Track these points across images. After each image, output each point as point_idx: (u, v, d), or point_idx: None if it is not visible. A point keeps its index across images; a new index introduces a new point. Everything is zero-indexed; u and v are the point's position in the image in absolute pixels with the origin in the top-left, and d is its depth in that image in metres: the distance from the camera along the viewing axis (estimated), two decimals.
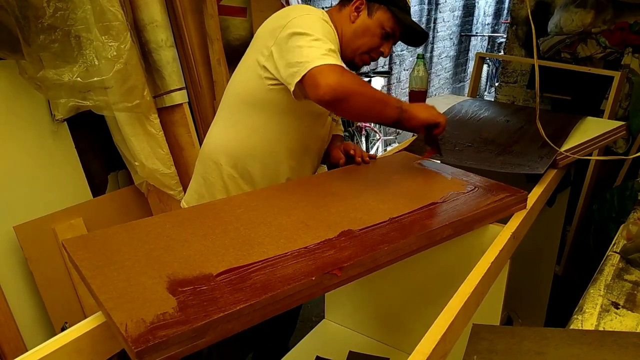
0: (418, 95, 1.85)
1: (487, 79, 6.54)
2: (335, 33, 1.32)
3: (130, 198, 2.03)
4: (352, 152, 1.42)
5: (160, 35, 1.85)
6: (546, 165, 1.42)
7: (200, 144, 2.06)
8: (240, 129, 1.37)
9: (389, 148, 4.73)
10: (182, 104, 1.95)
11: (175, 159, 1.96)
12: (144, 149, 1.86)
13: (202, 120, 2.12)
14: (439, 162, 1.48)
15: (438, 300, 1.36)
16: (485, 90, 6.63)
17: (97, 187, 2.03)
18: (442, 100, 2.09)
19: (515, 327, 1.05)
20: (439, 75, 5.75)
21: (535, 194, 1.33)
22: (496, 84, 5.79)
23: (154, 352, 0.70)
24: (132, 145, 1.85)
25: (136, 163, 1.88)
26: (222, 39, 2.07)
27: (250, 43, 1.36)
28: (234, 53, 2.18)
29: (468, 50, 6.44)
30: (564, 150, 1.43)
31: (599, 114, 2.63)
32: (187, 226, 1.03)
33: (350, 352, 1.43)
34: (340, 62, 1.16)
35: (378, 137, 3.73)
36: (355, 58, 1.40)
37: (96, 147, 2.01)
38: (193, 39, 2.02)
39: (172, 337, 0.71)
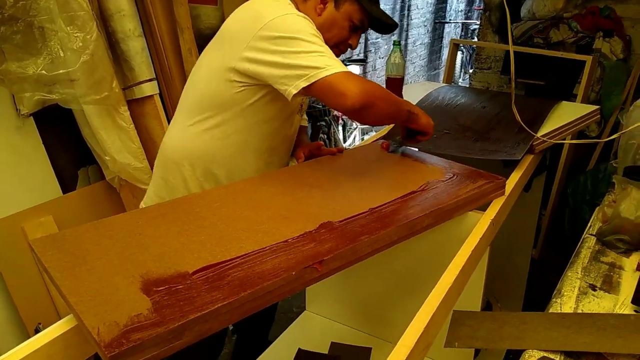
0: (395, 82, 1.83)
1: (461, 66, 6.57)
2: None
3: (102, 194, 1.97)
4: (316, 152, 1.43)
5: (127, 24, 1.78)
6: (523, 151, 1.42)
7: None
8: (203, 130, 1.30)
9: (365, 137, 4.73)
10: (152, 95, 1.90)
11: (148, 152, 1.90)
12: (115, 142, 1.80)
13: (174, 111, 2.06)
14: (417, 149, 1.47)
15: (419, 289, 1.36)
16: (460, 77, 6.67)
17: (67, 183, 1.97)
18: (418, 87, 2.08)
19: (495, 312, 1.05)
20: (414, 63, 5.75)
21: (513, 180, 1.33)
22: (470, 71, 5.83)
23: (128, 356, 0.68)
24: (102, 139, 1.79)
25: (107, 157, 1.82)
26: (192, 28, 2.01)
27: (213, 41, 1.29)
28: (206, 42, 2.09)
29: (442, 37, 6.45)
30: (541, 135, 1.43)
31: (571, 98, 2.66)
32: (161, 222, 1.00)
33: (332, 343, 1.42)
34: (343, 66, 1.13)
35: (355, 126, 3.72)
36: None
37: (65, 141, 1.94)
38: (162, 28, 1.96)
39: (147, 339, 0.69)
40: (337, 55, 1.39)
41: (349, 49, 1.41)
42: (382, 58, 4.93)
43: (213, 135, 1.29)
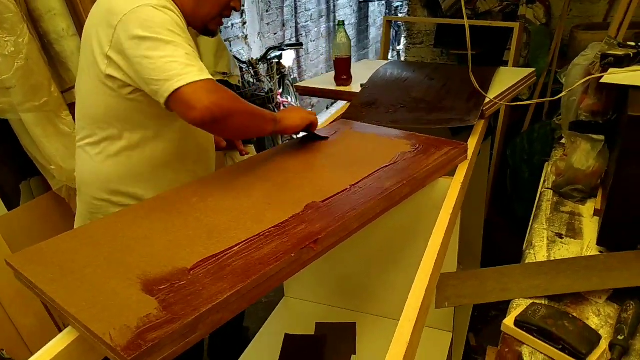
0: (343, 62, 1.85)
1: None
2: (178, 12, 1.12)
3: (50, 206, 1.87)
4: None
5: (60, 24, 1.68)
6: (476, 117, 1.49)
7: None
8: (112, 150, 1.18)
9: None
10: None
11: None
12: (59, 150, 1.70)
13: None
14: (376, 125, 1.50)
15: (397, 259, 1.41)
16: (389, 54, 6.79)
17: (10, 199, 1.85)
18: (362, 66, 2.11)
19: (476, 270, 1.11)
20: None
21: (472, 145, 1.39)
22: (398, 47, 5.96)
23: (147, 357, 0.66)
24: (44, 148, 1.68)
25: (52, 167, 1.72)
26: None
27: (82, 49, 1.18)
28: None
29: (367, 16, 6.53)
30: (493, 98, 1.51)
31: (502, 64, 2.80)
32: (142, 223, 0.97)
33: (317, 323, 1.44)
34: (208, 74, 1.03)
35: None
36: (208, 25, 1.25)
37: (2, 155, 1.82)
38: None
39: (164, 337, 0.68)
40: (222, 24, 1.31)
41: (234, 11, 1.30)
42: (314, 41, 4.94)
43: (126, 154, 1.19)
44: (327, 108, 5.24)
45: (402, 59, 3.84)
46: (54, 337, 0.77)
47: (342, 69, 1.87)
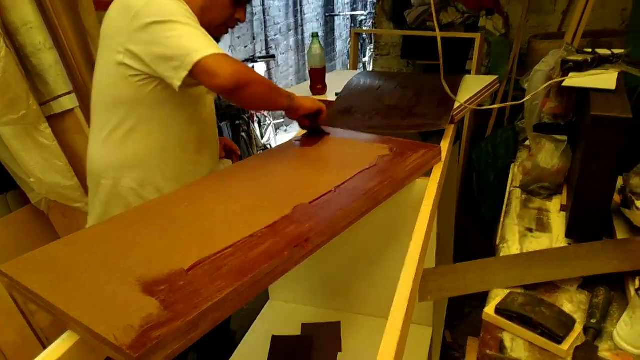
0: (318, 72, 1.91)
1: None
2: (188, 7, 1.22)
3: (29, 219, 1.84)
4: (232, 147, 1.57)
5: (37, 37, 1.68)
6: (447, 121, 1.56)
7: None
8: (120, 136, 1.27)
9: (279, 131, 4.79)
10: (73, 109, 1.81)
11: (75, 170, 1.81)
12: (39, 162, 1.69)
13: None
14: (353, 131, 1.55)
15: (378, 257, 1.46)
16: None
17: None
18: (336, 76, 2.17)
19: (455, 264, 1.17)
20: None
21: (444, 147, 1.46)
22: (364, 59, 6.09)
23: (152, 354, 0.69)
24: (23, 161, 1.67)
25: (31, 180, 1.71)
26: None
27: (100, 46, 1.27)
28: None
29: (334, 29, 6.66)
30: (464, 102, 1.58)
31: (464, 73, 2.92)
32: (134, 229, 0.99)
33: (302, 324, 1.48)
34: (221, 49, 1.13)
35: (269, 122, 3.76)
36: (211, 32, 1.28)
37: None
38: (71, 40, 1.87)
39: (168, 335, 0.70)
40: (226, 33, 1.40)
41: (238, 23, 1.39)
42: (283, 54, 5.01)
43: (133, 140, 1.27)
44: (283, 122, 5.30)
45: (369, 69, 3.95)
46: (36, 352, 0.77)
47: (317, 78, 1.92)
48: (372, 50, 6.18)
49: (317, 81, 1.92)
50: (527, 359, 0.88)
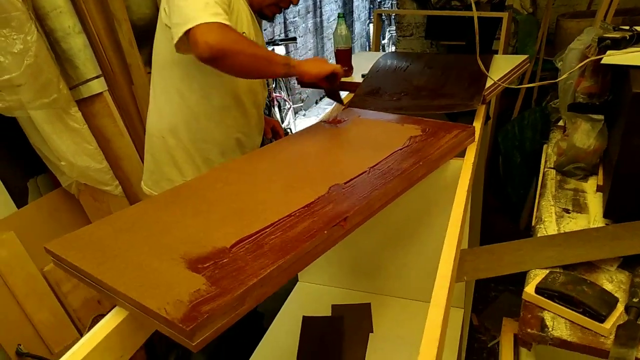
0: (344, 53, 1.89)
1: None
2: None
3: (60, 202, 1.88)
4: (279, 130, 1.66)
5: (66, 21, 1.69)
6: (479, 101, 1.54)
7: (129, 131, 1.96)
8: (168, 95, 1.38)
9: (298, 115, 4.78)
10: (102, 92, 1.82)
11: (104, 153, 1.83)
12: (70, 146, 1.72)
13: (122, 108, 1.99)
14: (381, 112, 1.54)
15: (410, 239, 1.45)
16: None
17: (17, 197, 1.85)
18: (358, 58, 2.15)
19: (491, 245, 1.16)
20: (330, 39, 5.84)
21: (477, 128, 1.45)
22: (382, 41, 6.02)
23: (203, 328, 0.70)
24: (55, 144, 1.70)
25: (62, 163, 1.73)
26: None
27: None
28: (140, 34, 2.06)
29: (352, 11, 6.59)
30: (497, 80, 1.56)
31: (492, 53, 2.87)
32: (171, 209, 1.00)
33: (333, 305, 1.48)
34: (223, 18, 1.15)
35: (288, 106, 3.76)
36: (262, 9, 1.38)
37: (8, 153, 1.82)
38: (98, 24, 1.88)
39: (217, 309, 0.71)
40: (279, 12, 1.45)
41: (291, 5, 1.44)
42: (302, 36, 4.97)
43: (177, 99, 1.36)
44: (316, 103, 5.28)
45: (387, 51, 3.90)
46: (69, 332, 0.80)
47: (343, 60, 1.90)
48: (391, 32, 6.12)
49: (344, 62, 1.91)
50: (569, 338, 0.88)
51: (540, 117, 2.87)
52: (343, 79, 1.92)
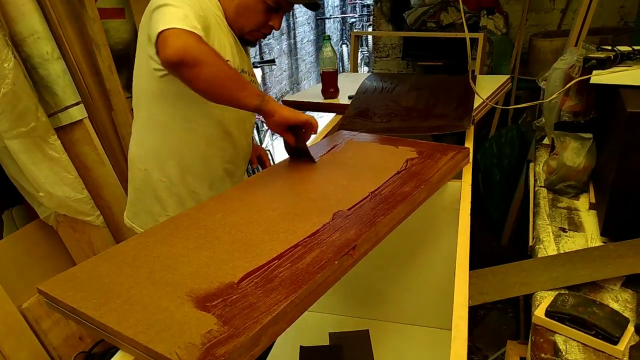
0: (330, 75, 1.89)
1: (348, 57, 6.83)
2: (216, 6, 1.24)
3: (38, 235, 1.79)
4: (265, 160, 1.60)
5: (44, 47, 1.63)
6: (469, 122, 1.56)
7: (110, 159, 1.90)
8: (150, 127, 1.32)
9: (275, 135, 4.75)
10: (82, 119, 1.76)
11: (85, 182, 1.77)
12: (48, 176, 1.64)
13: (102, 135, 1.93)
14: (371, 134, 1.53)
15: (408, 262, 1.44)
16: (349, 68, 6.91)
17: None
18: (343, 79, 2.16)
19: (493, 267, 1.15)
20: (304, 60, 5.87)
21: (471, 149, 1.45)
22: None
23: None
24: (32, 174, 1.62)
25: (41, 194, 1.66)
26: None
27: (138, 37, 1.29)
28: (119, 58, 2.02)
29: (324, 32, 6.66)
30: (485, 99, 1.58)
31: (466, 73, 2.92)
32: (173, 242, 0.96)
33: (330, 333, 1.45)
34: (198, 30, 1.09)
35: (266, 128, 3.73)
36: (244, 35, 1.33)
37: None
38: (76, 49, 1.83)
39: (233, 351, 0.67)
40: (262, 37, 1.39)
41: (273, 30, 1.37)
42: (277, 57, 4.98)
43: (161, 131, 1.30)
44: None
45: (360, 72, 3.93)
46: None
47: (329, 82, 1.90)
48: (362, 52, 6.19)
49: (330, 84, 1.91)
50: None
51: (517, 134, 2.92)
52: (330, 101, 1.92)
